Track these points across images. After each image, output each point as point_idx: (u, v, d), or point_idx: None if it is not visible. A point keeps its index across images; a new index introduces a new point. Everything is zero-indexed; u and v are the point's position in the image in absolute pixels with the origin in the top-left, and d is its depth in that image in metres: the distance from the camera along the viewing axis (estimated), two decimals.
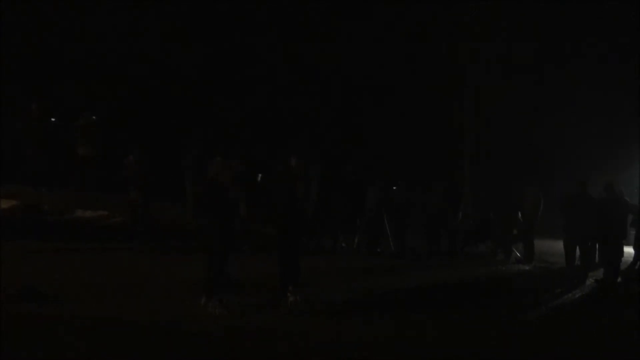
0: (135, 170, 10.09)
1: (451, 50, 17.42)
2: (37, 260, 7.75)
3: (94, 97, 13.37)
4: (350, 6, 16.55)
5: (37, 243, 8.79)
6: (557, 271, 10.34)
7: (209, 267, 6.23)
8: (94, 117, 11.45)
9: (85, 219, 10.50)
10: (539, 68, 17.54)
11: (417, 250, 11.60)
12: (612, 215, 9.34)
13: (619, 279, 9.46)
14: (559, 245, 10.28)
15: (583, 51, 17.09)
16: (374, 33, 16.78)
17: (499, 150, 17.65)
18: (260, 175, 9.69)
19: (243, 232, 7.72)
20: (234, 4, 15.57)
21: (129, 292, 6.64)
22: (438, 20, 16.83)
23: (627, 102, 16.26)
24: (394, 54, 17.14)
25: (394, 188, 11.74)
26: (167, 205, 11.65)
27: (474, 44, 17.26)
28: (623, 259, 9.65)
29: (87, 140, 11.35)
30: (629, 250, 10.04)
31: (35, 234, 9.26)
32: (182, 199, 11.51)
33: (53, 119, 11.37)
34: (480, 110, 17.80)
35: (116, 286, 6.87)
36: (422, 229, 11.82)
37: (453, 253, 11.66)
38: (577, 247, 9.77)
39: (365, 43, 16.90)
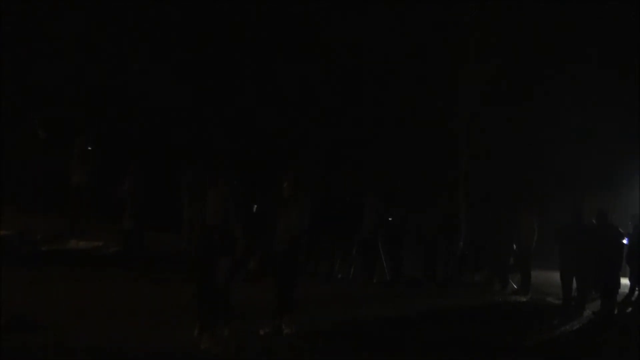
0: (128, 198, 10.05)
1: (446, 76, 17.57)
2: (28, 289, 7.62)
3: (88, 124, 13.40)
4: (340, 32, 16.71)
5: (30, 272, 8.66)
6: (554, 303, 10.27)
7: (203, 297, 6.15)
8: (89, 148, 11.47)
9: (79, 248, 10.41)
10: (532, 92, 17.61)
11: (413, 278, 11.51)
12: (607, 246, 9.32)
13: (616, 311, 9.40)
14: (555, 276, 10.24)
15: (575, 72, 17.16)
16: (368, 57, 16.93)
17: (493, 178, 17.67)
18: (255, 206, 9.66)
19: (239, 261, 7.65)
20: (225, 33, 15.72)
21: (122, 322, 6.51)
22: (434, 40, 16.96)
23: (623, 117, 16.24)
24: (389, 77, 17.26)
25: (390, 219, 11.67)
26: (162, 234, 11.59)
27: (469, 68, 17.41)
28: (620, 291, 9.62)
29: (81, 168, 11.34)
30: (625, 281, 10.00)
31: (28, 262, 9.14)
32: (177, 227, 11.46)
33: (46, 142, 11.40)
34: (474, 137, 17.87)
35: (109, 316, 6.75)
36: (418, 256, 11.77)
37: (449, 282, 11.59)
38: (574, 279, 9.72)
39: (360, 67, 17.04)
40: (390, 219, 11.64)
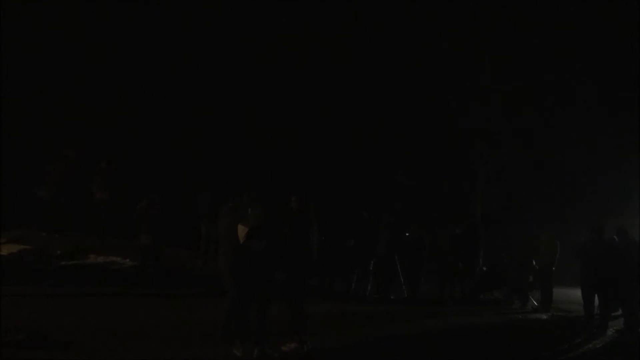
0: (147, 215, 10.14)
1: (464, 99, 17.60)
2: (46, 305, 7.69)
3: (110, 142, 13.63)
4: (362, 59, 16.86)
5: (48, 288, 8.77)
6: (575, 320, 10.06)
7: (231, 313, 6.14)
8: (110, 164, 11.69)
9: (97, 264, 10.53)
10: (550, 110, 17.51)
11: (431, 295, 11.38)
12: (630, 262, 9.12)
13: None
14: (576, 293, 10.03)
15: (591, 90, 17.06)
16: (390, 80, 17.03)
17: (512, 194, 17.51)
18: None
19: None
20: (243, 55, 15.93)
21: (140, 339, 6.50)
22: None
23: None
24: (407, 100, 17.31)
25: (407, 234, 11.60)
26: (181, 250, 11.67)
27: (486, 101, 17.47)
28: None
29: (104, 185, 11.53)
30: None
31: (47, 278, 9.26)
32: (195, 244, 11.54)
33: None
34: (493, 154, 17.79)
35: (127, 332, 6.75)
36: (435, 273, 11.64)
37: (467, 299, 11.43)
38: (596, 296, 9.51)
39: (380, 93, 17.14)
40: (407, 234, 11.56)
